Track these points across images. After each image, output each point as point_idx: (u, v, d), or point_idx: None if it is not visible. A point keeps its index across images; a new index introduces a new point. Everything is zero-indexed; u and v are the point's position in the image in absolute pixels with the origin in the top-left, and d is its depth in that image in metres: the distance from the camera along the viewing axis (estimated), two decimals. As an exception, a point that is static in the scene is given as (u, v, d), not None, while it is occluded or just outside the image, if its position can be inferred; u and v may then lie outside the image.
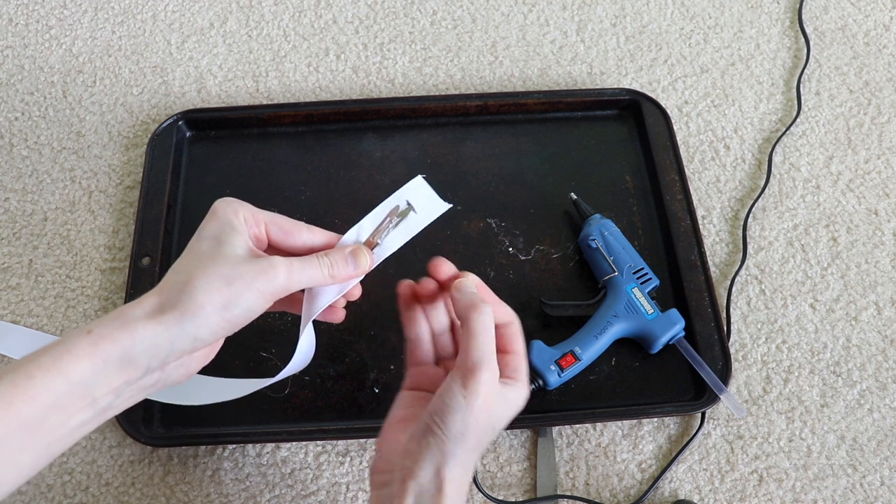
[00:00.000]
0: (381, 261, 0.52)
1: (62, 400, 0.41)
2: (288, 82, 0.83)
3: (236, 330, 0.46)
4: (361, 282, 0.53)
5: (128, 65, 0.84)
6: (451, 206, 0.54)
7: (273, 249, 0.51)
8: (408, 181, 0.54)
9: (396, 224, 0.52)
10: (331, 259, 0.50)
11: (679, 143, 0.76)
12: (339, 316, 0.55)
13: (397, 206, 0.53)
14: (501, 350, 0.50)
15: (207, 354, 0.50)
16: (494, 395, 0.46)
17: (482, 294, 0.51)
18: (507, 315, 0.51)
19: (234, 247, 0.47)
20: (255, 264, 0.46)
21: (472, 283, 0.51)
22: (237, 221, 0.48)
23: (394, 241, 0.52)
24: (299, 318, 0.53)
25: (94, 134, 0.79)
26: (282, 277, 0.47)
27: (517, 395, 0.49)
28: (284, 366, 0.64)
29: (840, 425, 0.63)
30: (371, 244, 0.52)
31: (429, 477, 0.45)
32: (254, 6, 0.89)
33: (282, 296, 0.48)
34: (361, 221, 0.52)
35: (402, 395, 0.52)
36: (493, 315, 0.48)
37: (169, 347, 0.44)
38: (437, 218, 0.72)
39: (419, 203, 0.53)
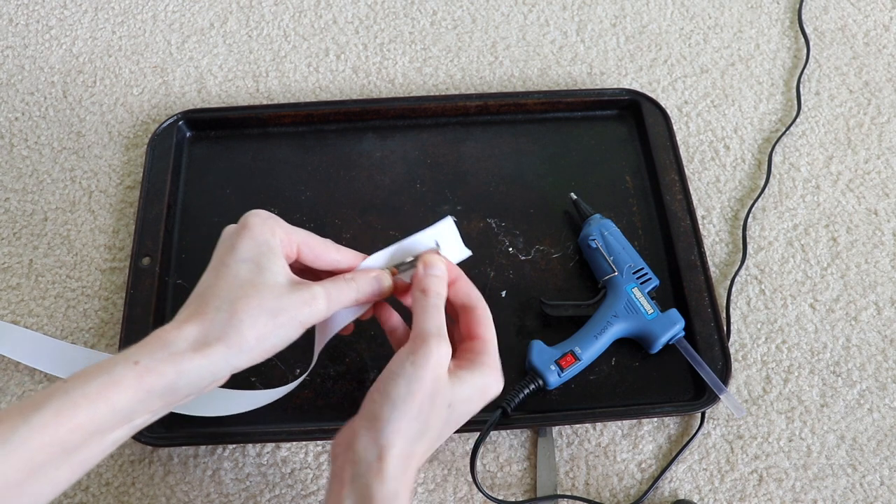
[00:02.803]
0: None
1: (104, 426, 0.42)
2: (288, 82, 0.83)
3: (269, 357, 0.47)
4: None
5: (128, 65, 0.84)
6: (471, 253, 0.56)
7: (298, 264, 0.52)
8: (438, 221, 0.56)
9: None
10: (358, 284, 0.51)
11: (679, 143, 0.76)
12: (349, 328, 0.57)
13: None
14: (468, 336, 0.51)
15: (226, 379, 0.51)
16: (445, 370, 0.47)
17: (452, 272, 0.52)
18: (471, 298, 0.52)
19: (275, 274, 0.47)
20: (298, 295, 0.47)
21: (440, 263, 0.52)
22: (275, 243, 0.48)
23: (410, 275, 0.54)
24: None
25: (94, 134, 0.79)
26: (322, 308, 0.48)
27: (484, 380, 0.49)
28: (285, 366, 0.64)
29: (840, 425, 0.63)
30: (394, 272, 0.54)
31: (365, 444, 0.45)
32: (254, 6, 0.89)
33: (317, 323, 0.49)
34: (387, 248, 0.54)
35: None
36: (443, 298, 0.49)
37: (211, 379, 0.45)
38: (437, 219, 0.73)
39: (445, 245, 0.55)
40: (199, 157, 0.76)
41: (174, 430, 0.61)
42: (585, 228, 0.68)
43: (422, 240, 0.55)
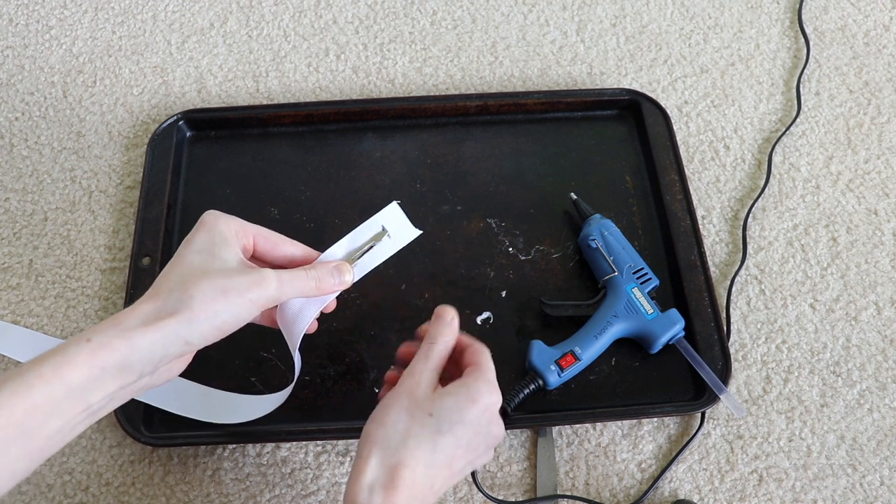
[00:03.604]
0: (357, 279, 0.56)
1: (60, 407, 0.42)
2: (288, 82, 0.83)
3: (223, 337, 0.48)
4: (361, 287, 0.56)
5: (128, 65, 0.84)
6: (421, 232, 0.59)
7: (256, 260, 0.54)
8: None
9: (371, 247, 0.57)
10: (318, 272, 0.53)
11: (679, 143, 0.76)
12: (314, 326, 0.58)
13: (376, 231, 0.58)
14: (466, 365, 0.52)
15: (186, 359, 0.52)
16: (420, 386, 0.49)
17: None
18: (467, 343, 0.53)
19: (226, 260, 0.50)
20: (248, 276, 0.49)
21: (450, 311, 0.53)
22: (229, 234, 0.51)
23: (369, 262, 0.57)
24: None
25: (94, 134, 0.79)
26: (273, 289, 0.50)
27: (469, 389, 0.49)
28: (285, 366, 0.64)
29: (840, 425, 0.63)
30: (350, 262, 0.56)
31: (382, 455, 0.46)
32: (254, 6, 0.89)
33: (270, 306, 0.51)
34: (339, 242, 0.57)
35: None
36: (443, 351, 0.51)
37: (162, 353, 0.46)
38: (438, 219, 0.73)
39: (393, 228, 0.58)
40: (199, 157, 0.76)
41: (174, 431, 0.61)
42: (585, 228, 0.68)
43: (370, 227, 0.57)
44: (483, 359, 0.52)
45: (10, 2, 0.89)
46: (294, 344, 0.55)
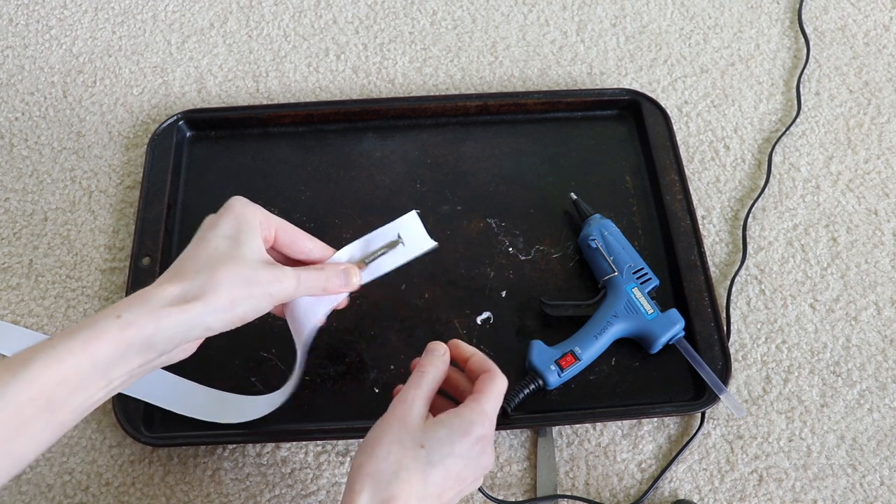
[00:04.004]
0: (366, 281, 0.57)
1: (85, 381, 0.43)
2: (288, 82, 0.83)
3: (240, 325, 0.49)
4: (361, 287, 0.57)
5: (128, 65, 0.84)
6: (436, 244, 0.59)
7: (274, 251, 0.55)
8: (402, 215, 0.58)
9: (384, 253, 0.57)
10: (326, 273, 0.54)
11: (679, 143, 0.76)
12: (343, 304, 0.59)
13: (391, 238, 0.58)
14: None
15: (200, 341, 0.52)
16: (411, 414, 0.48)
17: (466, 351, 0.54)
18: (486, 365, 0.53)
19: (251, 250, 0.50)
20: (271, 272, 0.50)
21: (441, 347, 0.54)
22: (255, 223, 0.52)
23: (380, 268, 0.57)
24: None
25: (94, 134, 0.79)
26: (292, 287, 0.51)
27: (462, 420, 0.49)
28: (284, 367, 0.64)
29: (840, 425, 0.63)
30: (360, 266, 0.57)
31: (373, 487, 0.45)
32: (254, 6, 0.89)
33: (286, 301, 0.53)
34: (354, 242, 0.57)
35: None
36: (436, 374, 0.51)
37: (185, 335, 0.47)
38: (438, 219, 0.73)
39: (409, 237, 0.58)
40: (199, 157, 0.76)
41: (174, 431, 0.61)
42: (585, 228, 0.68)
43: (385, 233, 0.58)
44: (488, 387, 0.51)
45: (10, 2, 0.89)
46: (301, 341, 0.55)
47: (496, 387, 0.51)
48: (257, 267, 0.49)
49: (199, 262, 0.48)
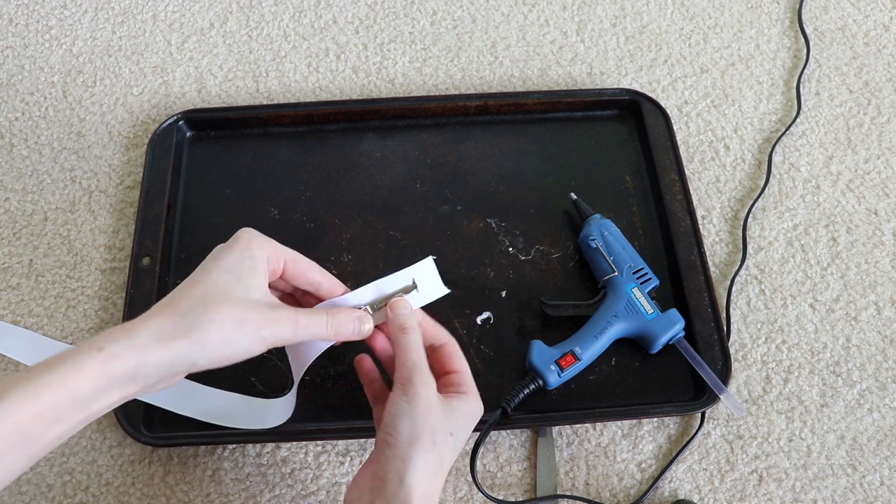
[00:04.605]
0: (375, 324, 0.55)
1: (64, 415, 0.42)
2: (288, 82, 0.83)
3: (228, 364, 0.48)
4: None
5: (128, 65, 0.84)
6: (449, 291, 0.58)
7: (283, 281, 0.54)
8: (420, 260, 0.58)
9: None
10: (337, 321, 0.52)
11: (679, 143, 0.76)
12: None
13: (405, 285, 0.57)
14: (443, 371, 0.54)
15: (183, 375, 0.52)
16: (437, 400, 0.50)
17: (417, 317, 0.55)
18: (441, 335, 0.55)
19: (251, 289, 0.48)
20: (266, 314, 0.48)
21: (406, 305, 0.54)
22: (260, 259, 0.50)
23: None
24: None
25: (94, 134, 0.79)
26: (288, 333, 0.49)
27: (470, 406, 0.52)
28: (285, 366, 0.64)
29: (840, 425, 0.63)
30: (373, 308, 0.55)
31: (393, 488, 0.46)
32: (254, 6, 0.89)
33: (281, 346, 0.50)
34: (366, 286, 0.55)
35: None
36: (420, 334, 0.52)
37: (169, 370, 0.45)
38: (437, 220, 0.73)
39: (423, 283, 0.57)
40: (199, 157, 0.76)
41: (174, 431, 0.61)
42: (585, 228, 0.68)
43: (401, 278, 0.56)
44: (465, 366, 0.54)
45: (10, 2, 0.89)
46: (297, 373, 0.55)
47: (463, 356, 0.55)
48: (253, 308, 0.47)
49: (194, 297, 0.47)
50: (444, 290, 0.58)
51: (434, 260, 0.58)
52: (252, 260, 0.49)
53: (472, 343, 0.65)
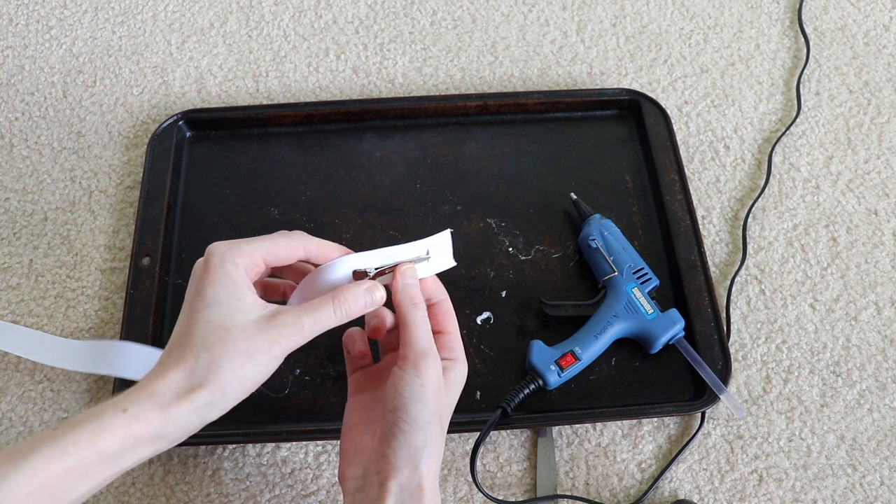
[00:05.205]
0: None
1: (91, 472, 0.43)
2: (288, 82, 0.83)
3: (255, 389, 0.48)
4: None
5: (128, 65, 0.84)
6: (455, 264, 0.56)
7: (275, 271, 0.54)
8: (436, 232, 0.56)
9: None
10: (346, 304, 0.49)
11: (679, 143, 0.76)
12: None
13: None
14: (434, 330, 0.52)
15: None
16: (441, 379, 0.49)
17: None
18: (438, 291, 0.54)
19: (245, 313, 0.47)
20: (269, 334, 0.47)
21: (415, 273, 0.53)
22: (239, 278, 0.48)
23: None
24: None
25: (94, 134, 0.79)
26: (296, 339, 0.48)
27: (459, 375, 0.52)
28: (285, 364, 0.64)
29: (840, 425, 0.63)
30: (381, 273, 0.53)
31: (407, 475, 0.46)
32: (254, 6, 0.89)
33: (294, 349, 0.49)
34: (376, 251, 0.53)
35: (349, 403, 0.54)
36: (426, 308, 0.51)
37: (199, 422, 0.46)
38: (437, 220, 0.73)
39: (436, 254, 0.55)
40: (199, 157, 0.76)
41: (174, 430, 0.61)
42: (585, 228, 0.68)
43: (415, 248, 0.54)
44: (455, 327, 0.54)
45: (10, 2, 0.89)
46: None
47: (455, 316, 0.54)
48: (254, 332, 0.46)
49: (196, 342, 0.46)
50: (453, 263, 0.56)
51: (451, 233, 0.56)
52: (232, 283, 0.47)
53: (472, 343, 0.65)
